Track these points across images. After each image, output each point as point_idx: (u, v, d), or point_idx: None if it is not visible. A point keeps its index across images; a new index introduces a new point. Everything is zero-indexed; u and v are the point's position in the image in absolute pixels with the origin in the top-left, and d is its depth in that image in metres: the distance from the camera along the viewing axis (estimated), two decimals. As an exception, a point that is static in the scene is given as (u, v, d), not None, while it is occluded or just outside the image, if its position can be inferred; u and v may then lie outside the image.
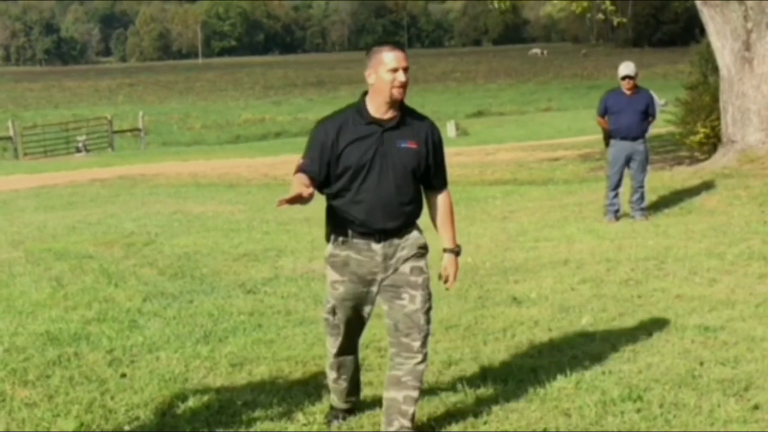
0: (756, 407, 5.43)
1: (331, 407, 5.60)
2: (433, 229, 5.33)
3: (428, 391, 5.83)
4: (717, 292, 8.27)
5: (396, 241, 5.10)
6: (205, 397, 5.98)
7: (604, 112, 13.01)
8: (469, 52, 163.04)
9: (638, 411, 5.43)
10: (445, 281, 5.34)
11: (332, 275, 5.20)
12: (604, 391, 5.75)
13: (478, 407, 5.63)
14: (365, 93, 5.05)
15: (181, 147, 46.89)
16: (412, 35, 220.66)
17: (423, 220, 5.22)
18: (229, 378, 6.41)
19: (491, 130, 43.63)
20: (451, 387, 6.01)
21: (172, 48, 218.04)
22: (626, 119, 12.71)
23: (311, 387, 6.12)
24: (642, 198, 12.92)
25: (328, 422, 5.51)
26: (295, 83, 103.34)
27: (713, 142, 18.04)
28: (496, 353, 6.70)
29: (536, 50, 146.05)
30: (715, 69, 17.36)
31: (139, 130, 48.08)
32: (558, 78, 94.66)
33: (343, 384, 5.47)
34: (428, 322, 5.16)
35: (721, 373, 6.03)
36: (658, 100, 41.60)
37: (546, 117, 53.84)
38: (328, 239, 5.22)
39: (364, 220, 5.01)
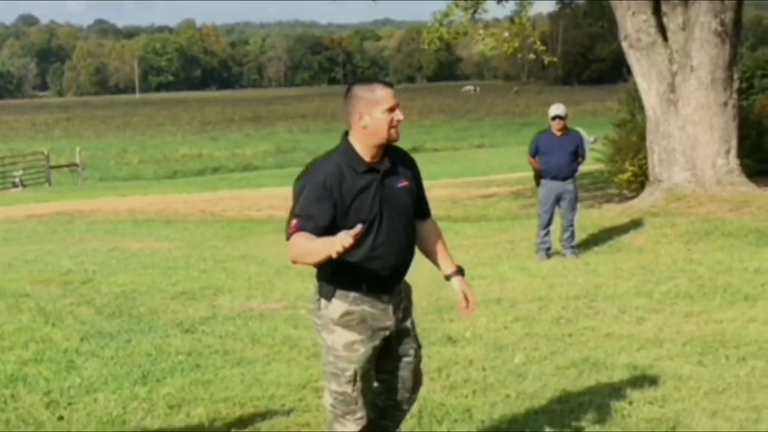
0: (686, 446, 5.63)
1: None
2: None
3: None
4: (645, 330, 8.50)
5: (397, 289, 4.86)
6: (144, 440, 6.06)
7: (535, 153, 13.30)
8: (405, 89, 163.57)
9: (569, 451, 5.60)
10: (467, 306, 4.98)
11: (349, 336, 4.69)
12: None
13: (413, 446, 5.78)
14: (346, 135, 4.73)
15: (119, 182, 46.62)
16: (348, 72, 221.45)
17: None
18: (167, 420, 6.48)
19: (426, 166, 43.17)
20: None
21: (109, 83, 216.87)
22: (556, 160, 13.01)
23: (249, 430, 6.21)
24: (572, 236, 13.21)
25: None
26: (233, 118, 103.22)
27: (641, 181, 18.44)
28: (432, 393, 6.84)
29: (469, 87, 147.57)
30: (642, 108, 17.78)
31: (76, 165, 47.76)
32: (490, 115, 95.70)
33: None
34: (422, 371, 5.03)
35: (650, 412, 6.23)
36: (588, 137, 42.30)
37: (479, 153, 54.44)
38: (329, 297, 4.72)
39: (382, 274, 4.69)
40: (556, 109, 13.25)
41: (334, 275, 4.66)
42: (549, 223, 13.17)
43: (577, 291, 10.48)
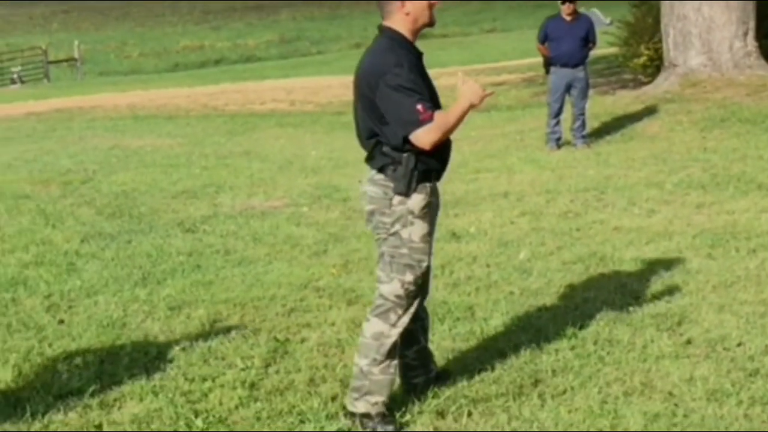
0: (688, 342, 5.49)
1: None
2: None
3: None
4: (655, 223, 8.32)
5: None
6: (144, 343, 5.94)
7: (544, 39, 12.97)
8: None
9: (572, 348, 5.45)
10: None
11: (425, 228, 4.61)
12: (539, 329, 5.78)
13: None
14: (383, 28, 4.61)
15: (119, 76, 46.14)
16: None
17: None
18: (167, 322, 6.36)
19: (433, 53, 42.98)
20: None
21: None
22: (566, 46, 12.67)
23: (249, 330, 6.09)
24: (583, 125, 12.94)
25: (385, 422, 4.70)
26: (235, 7, 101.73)
27: (657, 65, 17.89)
28: (434, 291, 6.62)
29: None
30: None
31: (75, 59, 47.24)
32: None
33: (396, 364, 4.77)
34: None
35: (656, 307, 6.08)
36: (604, 19, 41.49)
37: (490, 38, 53.55)
38: (407, 191, 4.54)
39: (447, 160, 4.69)
40: (566, -8, 12.86)
41: (416, 167, 4.52)
42: (559, 112, 12.89)
43: (586, 183, 10.27)
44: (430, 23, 4.65)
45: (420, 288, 4.69)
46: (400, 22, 4.58)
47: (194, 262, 7.94)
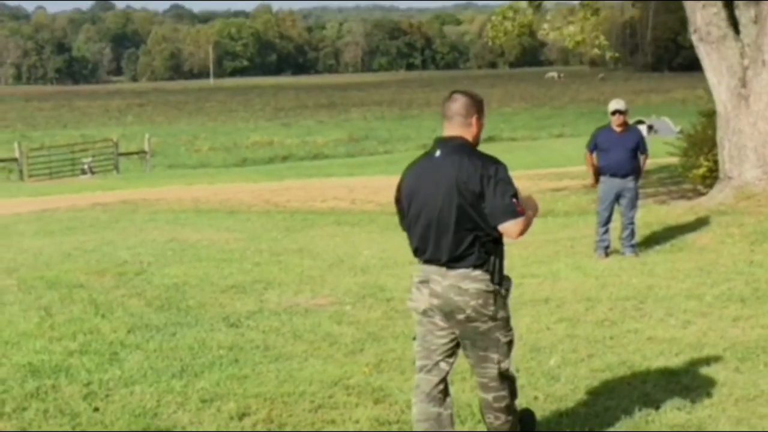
0: (703, 453, 5.54)
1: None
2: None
3: (393, 425, 5.96)
4: (688, 334, 8.36)
5: None
6: (171, 434, 6.12)
7: (593, 149, 13.13)
8: (485, 75, 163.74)
9: (587, 458, 5.53)
10: None
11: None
12: (558, 433, 5.87)
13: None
14: (456, 137, 5.35)
15: (187, 170, 47.11)
16: (427, 57, 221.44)
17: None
18: (198, 414, 6.54)
19: (501, 156, 42.80)
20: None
21: (184, 68, 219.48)
22: (616, 156, 12.83)
23: (275, 425, 6.25)
24: (632, 234, 13.02)
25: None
26: (306, 105, 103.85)
27: (716, 176, 17.97)
28: (460, 393, 6.79)
29: (553, 74, 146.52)
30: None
31: (145, 152, 48.36)
32: (574, 102, 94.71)
33: None
34: None
35: (675, 417, 6.15)
36: (674, 128, 41.25)
37: (557, 143, 53.86)
38: (502, 282, 5.32)
39: None
40: (616, 104, 13.07)
41: (503, 260, 5.35)
42: (608, 220, 13.00)
43: (627, 292, 10.33)
44: (477, 143, 5.40)
45: None
46: (471, 134, 5.34)
47: (233, 357, 8.12)
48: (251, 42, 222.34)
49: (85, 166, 43.19)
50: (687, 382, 6.92)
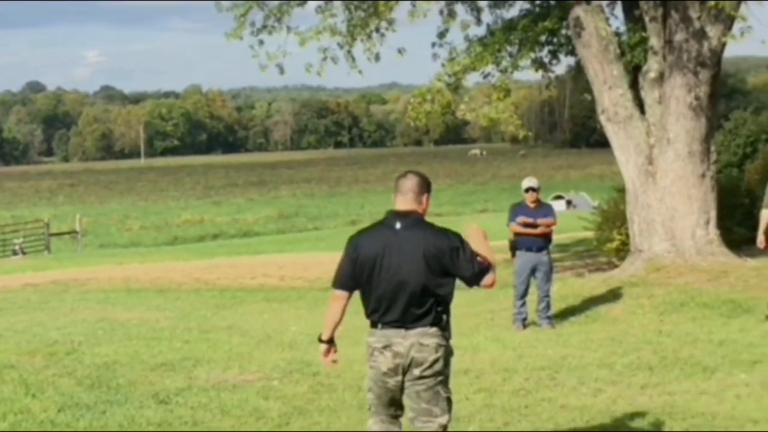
0: None
1: None
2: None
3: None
4: (599, 402, 8.80)
5: None
6: None
7: (514, 220, 13.63)
8: (411, 153, 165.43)
9: None
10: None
11: None
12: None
13: None
14: (412, 211, 6.08)
15: (118, 249, 47.08)
16: (354, 135, 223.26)
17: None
18: (128, 491, 6.78)
19: (427, 232, 43.94)
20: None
21: (115, 148, 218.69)
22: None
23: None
24: (548, 307, 13.50)
25: None
26: (237, 183, 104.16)
27: (628, 249, 18.64)
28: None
29: (476, 151, 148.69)
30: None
31: (76, 232, 48.24)
32: (496, 179, 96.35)
33: None
34: None
35: (578, 483, 6.53)
36: (591, 202, 42.32)
37: (481, 219, 54.51)
38: (449, 338, 6.13)
39: None
40: (529, 181, 13.64)
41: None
42: (525, 293, 13.48)
43: (543, 362, 10.77)
44: None
45: None
46: (422, 209, 6.12)
47: (161, 433, 8.38)
48: (181, 122, 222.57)
49: (16, 247, 42.99)
50: (595, 447, 7.33)
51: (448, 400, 6.06)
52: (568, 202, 57.15)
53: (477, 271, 5.96)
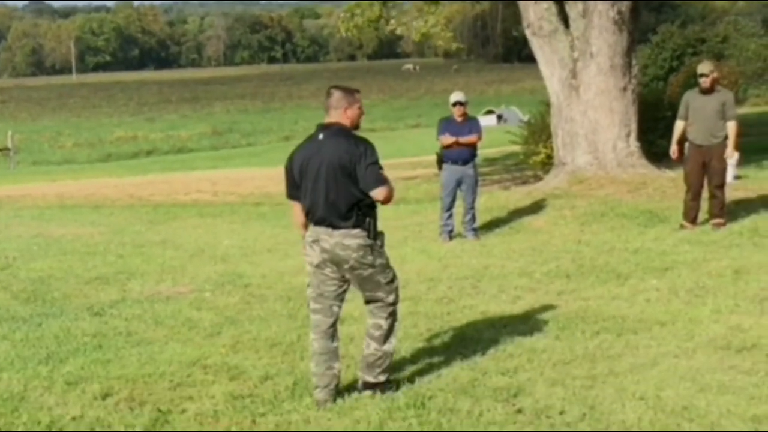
0: (519, 411, 6.34)
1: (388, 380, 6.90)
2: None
3: (246, 399, 6.63)
4: (517, 308, 9.22)
5: None
6: (38, 414, 6.65)
7: (444, 133, 13.92)
8: (345, 68, 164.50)
9: (418, 417, 6.27)
10: None
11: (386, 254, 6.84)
12: (393, 400, 6.59)
13: (282, 417, 6.44)
14: (333, 123, 6.66)
15: (52, 166, 46.77)
16: (288, 51, 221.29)
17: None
18: (63, 396, 7.07)
19: (360, 147, 44.11)
20: (270, 401, 6.77)
21: (46, 64, 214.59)
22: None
23: (136, 403, 6.83)
24: (473, 219, 13.88)
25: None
26: (170, 99, 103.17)
27: (553, 163, 19.08)
28: (309, 368, 7.48)
29: (409, 66, 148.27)
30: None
31: (8, 149, 47.80)
32: (429, 93, 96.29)
33: None
34: None
35: (498, 381, 6.93)
36: (522, 116, 42.84)
37: (413, 133, 55.04)
38: (376, 236, 6.68)
39: None
40: (456, 96, 13.91)
41: (375, 220, 6.70)
42: (451, 206, 13.83)
43: (466, 272, 11.18)
44: (358, 126, 6.76)
45: None
46: (347, 119, 6.67)
47: (97, 343, 8.65)
48: (113, 37, 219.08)
49: (-54, 165, 42.59)
50: (511, 350, 7.71)
51: (390, 282, 6.78)
52: (499, 117, 57.57)
53: (370, 180, 6.47)
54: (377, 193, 6.52)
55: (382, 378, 6.79)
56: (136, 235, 16.18)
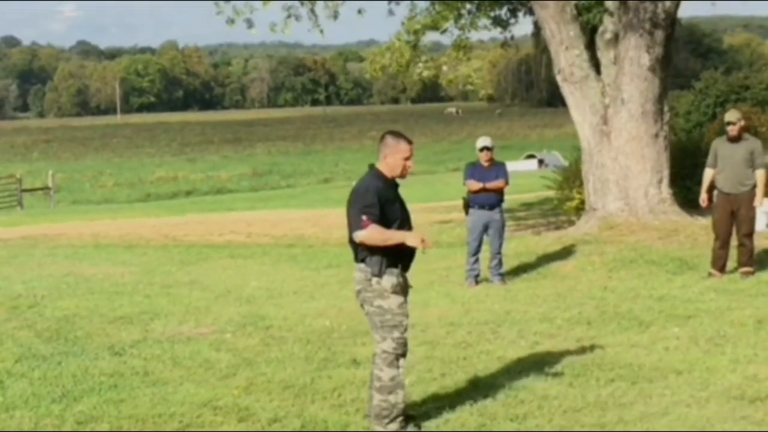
0: (523, 458, 6.30)
1: (406, 416, 6.98)
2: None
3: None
4: (535, 354, 9.15)
5: None
6: (45, 453, 6.69)
7: (471, 178, 13.94)
8: (387, 111, 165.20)
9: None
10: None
11: (399, 299, 6.93)
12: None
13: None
14: (372, 166, 7.10)
15: (91, 205, 47.18)
16: (331, 93, 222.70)
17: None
18: (72, 435, 7.11)
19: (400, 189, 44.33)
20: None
21: (91, 104, 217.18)
22: (484, 191, 13.67)
23: (143, 443, 6.86)
24: (500, 264, 13.84)
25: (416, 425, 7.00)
26: (212, 140, 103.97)
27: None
28: (319, 411, 7.49)
29: (451, 109, 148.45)
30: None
31: (49, 188, 48.31)
32: (471, 137, 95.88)
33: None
34: None
35: (507, 427, 6.91)
36: (563, 161, 42.70)
37: (453, 177, 54.74)
38: (381, 274, 6.83)
39: (410, 258, 7.06)
40: (483, 141, 13.97)
41: (384, 259, 6.82)
42: (477, 250, 13.81)
43: (488, 316, 11.13)
44: (402, 175, 7.04)
45: (407, 342, 6.92)
46: (382, 166, 7.01)
47: (113, 382, 8.69)
48: (158, 78, 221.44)
49: (-12, 203, 43.10)
50: (523, 396, 7.67)
51: (385, 329, 6.84)
52: (540, 161, 57.51)
53: (351, 223, 6.86)
54: (355, 237, 6.84)
55: (392, 428, 6.82)
56: (166, 275, 16.25)
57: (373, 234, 6.76)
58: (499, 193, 13.73)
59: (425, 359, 9.11)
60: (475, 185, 13.67)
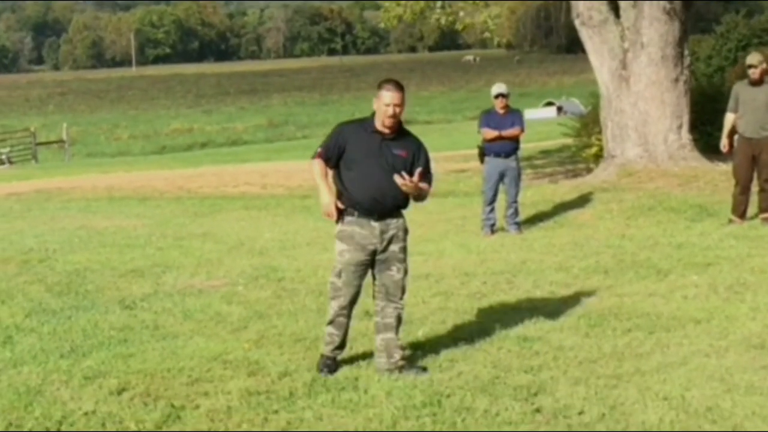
0: (537, 410, 6.13)
1: (321, 355, 7.29)
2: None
3: (261, 396, 6.49)
4: (550, 304, 8.98)
5: (385, 219, 6.96)
6: (51, 409, 6.55)
7: (486, 126, 13.72)
8: (405, 60, 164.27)
9: (433, 415, 6.09)
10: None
11: (339, 246, 7.03)
12: (410, 398, 6.42)
13: (294, 414, 6.28)
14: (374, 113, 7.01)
15: (106, 158, 47.13)
16: (348, 42, 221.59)
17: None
18: (79, 390, 6.96)
19: (416, 139, 43.98)
20: (285, 397, 6.63)
21: (106, 56, 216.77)
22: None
23: (151, 398, 6.71)
24: (516, 213, 13.65)
25: (320, 368, 7.15)
26: (228, 91, 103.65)
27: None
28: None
29: (469, 57, 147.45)
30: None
31: (63, 141, 48.26)
32: (489, 85, 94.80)
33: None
34: (406, 282, 7.23)
35: (520, 379, 6.72)
36: (582, 108, 42.28)
37: (470, 126, 54.29)
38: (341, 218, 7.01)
39: (366, 204, 6.91)
40: (498, 88, 13.75)
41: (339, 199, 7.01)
42: (493, 199, 13.63)
43: (503, 266, 10.95)
44: (385, 125, 6.91)
45: (341, 288, 7.10)
46: (375, 116, 6.99)
47: (122, 337, 8.56)
48: (173, 29, 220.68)
49: (3, 157, 43.05)
50: (538, 347, 7.51)
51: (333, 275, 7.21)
52: (559, 108, 57.11)
53: None
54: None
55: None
56: (179, 227, 16.12)
57: (312, 170, 7.13)
58: (515, 140, 13.52)
59: (439, 310, 8.96)
60: (491, 133, 13.45)
